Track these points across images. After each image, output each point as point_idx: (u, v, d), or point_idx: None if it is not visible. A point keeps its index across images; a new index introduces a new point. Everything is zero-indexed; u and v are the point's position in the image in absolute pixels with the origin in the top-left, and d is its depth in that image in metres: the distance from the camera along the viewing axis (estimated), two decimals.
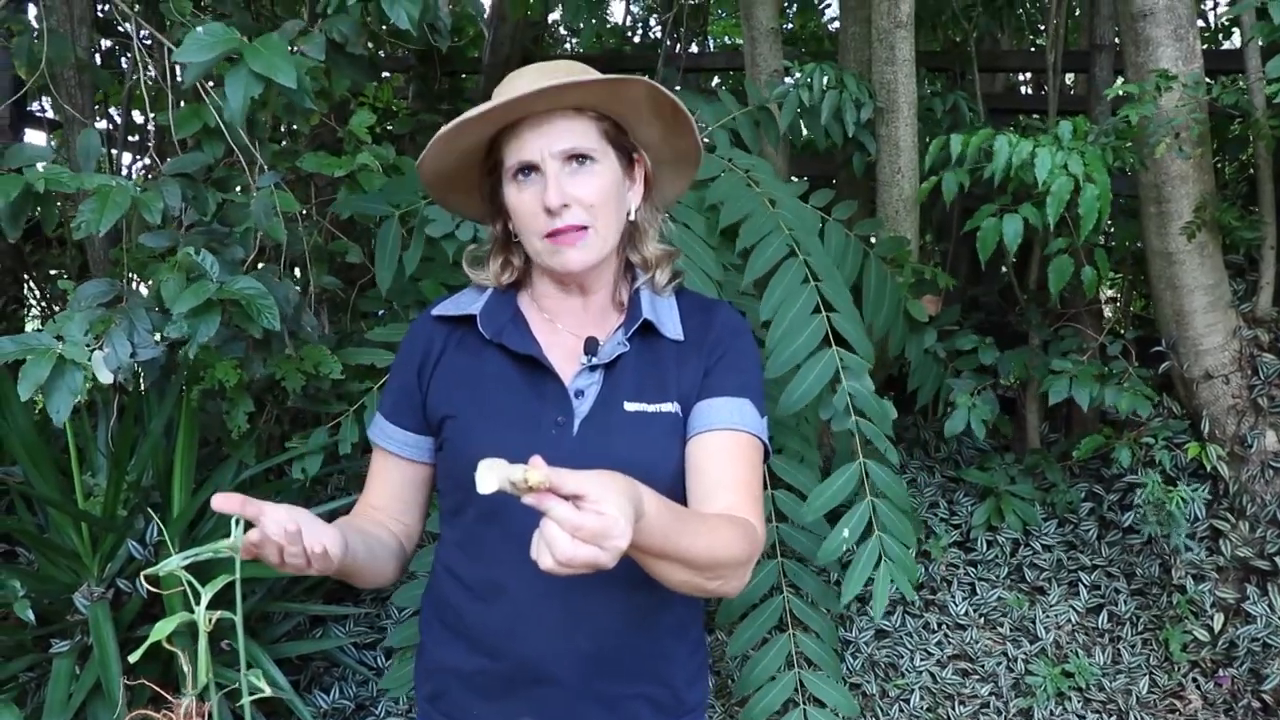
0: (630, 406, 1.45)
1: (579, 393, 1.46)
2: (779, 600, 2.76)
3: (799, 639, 2.74)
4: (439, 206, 2.67)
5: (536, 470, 1.02)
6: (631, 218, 1.52)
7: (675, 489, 1.46)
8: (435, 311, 1.56)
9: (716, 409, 1.47)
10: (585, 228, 1.42)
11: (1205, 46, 5.05)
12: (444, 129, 1.43)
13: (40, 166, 2.09)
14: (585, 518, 1.02)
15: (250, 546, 1.20)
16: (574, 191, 1.40)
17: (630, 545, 1.08)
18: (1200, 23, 5.19)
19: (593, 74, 1.44)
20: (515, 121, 1.42)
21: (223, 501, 1.16)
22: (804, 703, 2.68)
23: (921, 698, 3.15)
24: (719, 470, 1.44)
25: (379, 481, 1.59)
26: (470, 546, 1.48)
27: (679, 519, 1.25)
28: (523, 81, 1.41)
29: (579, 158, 1.42)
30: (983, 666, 3.25)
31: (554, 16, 6.15)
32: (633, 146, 1.51)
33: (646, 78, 1.43)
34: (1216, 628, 3.21)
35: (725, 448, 1.46)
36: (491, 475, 1.02)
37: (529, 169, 1.42)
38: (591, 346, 1.48)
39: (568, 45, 6.58)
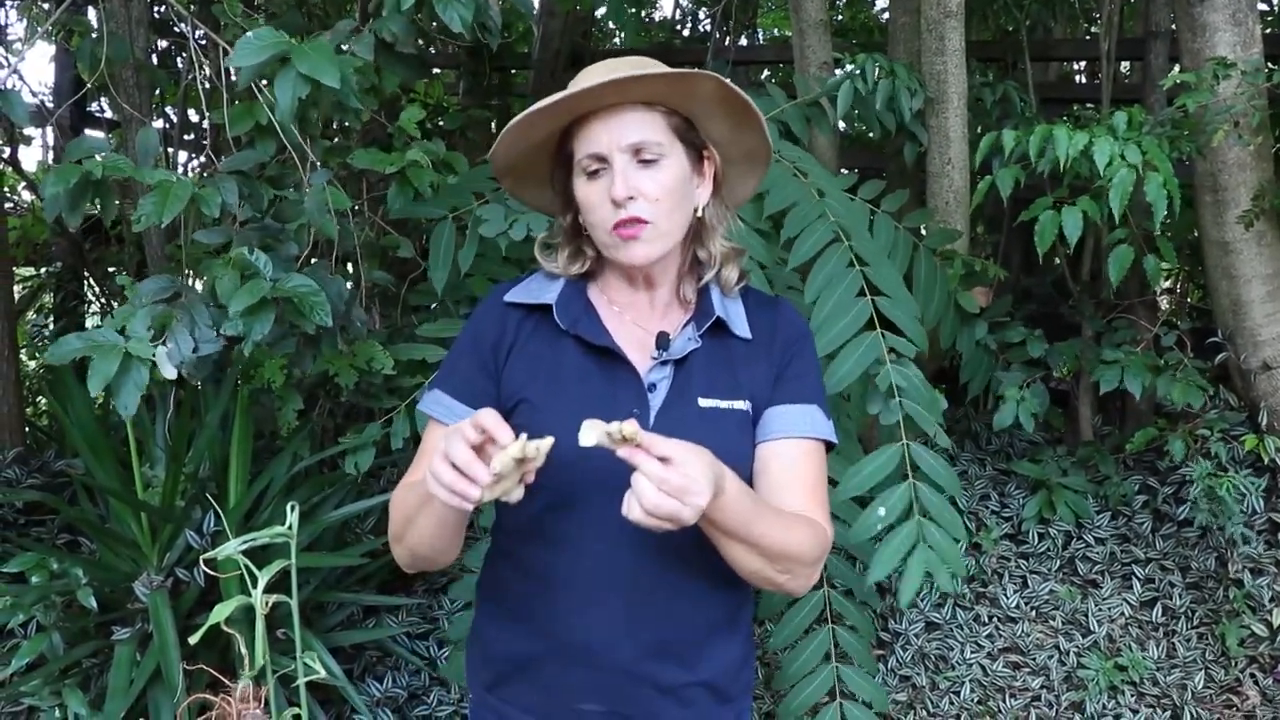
0: (704, 402, 1.48)
1: (651, 386, 1.48)
2: (820, 595, 2.76)
3: (838, 633, 2.74)
4: (490, 208, 2.71)
5: (631, 424, 1.17)
6: (699, 214, 1.53)
7: (747, 482, 1.48)
8: (508, 297, 1.57)
9: (790, 416, 1.51)
10: (646, 222, 1.43)
11: (1268, 30, 4.97)
12: (514, 120, 1.46)
13: (99, 157, 2.15)
14: (670, 473, 1.16)
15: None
16: (640, 185, 1.42)
17: (709, 522, 1.23)
18: (1263, 6, 5.11)
19: (663, 69, 1.45)
20: (585, 115, 1.44)
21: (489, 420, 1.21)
22: (840, 695, 2.69)
23: (972, 690, 3.13)
24: (788, 475, 1.49)
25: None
26: (534, 533, 1.49)
27: (757, 504, 1.35)
28: (593, 76, 1.43)
29: (646, 152, 1.43)
30: (1034, 659, 3.22)
31: (602, 10, 6.17)
32: (702, 143, 1.52)
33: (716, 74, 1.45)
34: (1275, 623, 3.16)
35: (796, 455, 1.50)
36: (592, 431, 1.17)
37: (598, 162, 1.44)
38: (663, 341, 1.50)
39: (617, 40, 6.59)
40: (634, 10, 4.97)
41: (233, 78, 2.50)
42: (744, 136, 1.55)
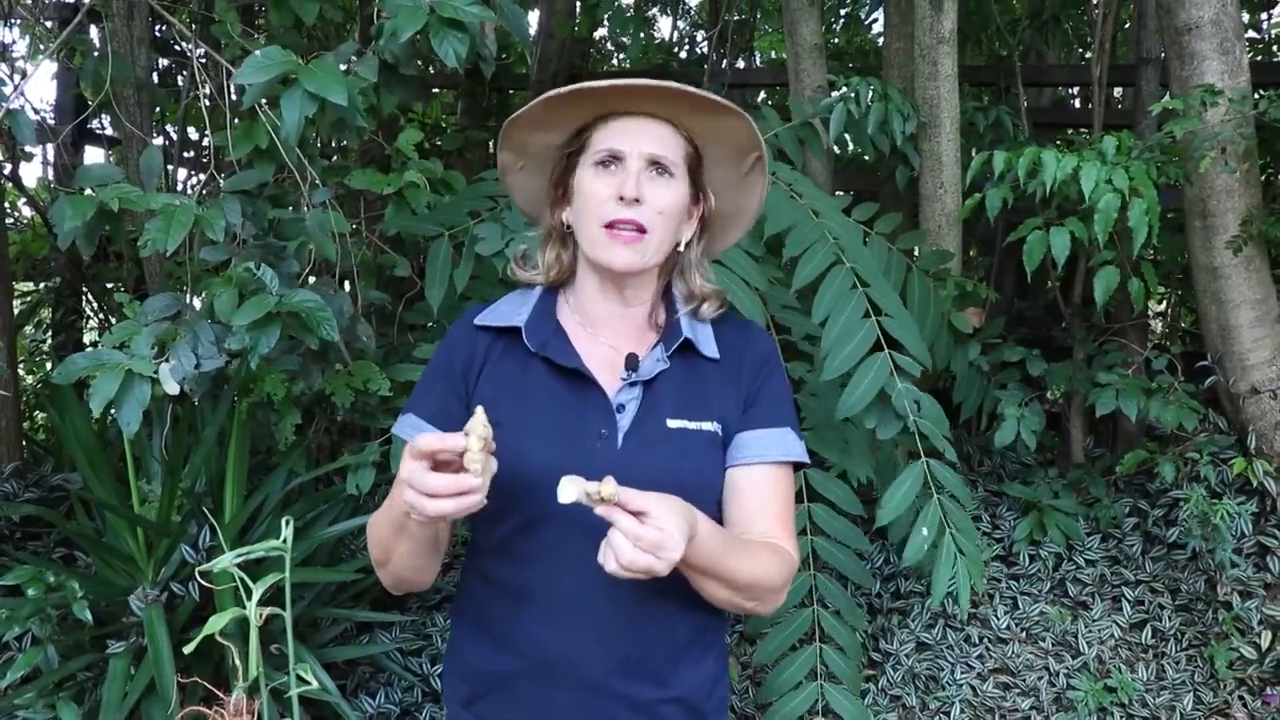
0: (673, 423, 1.50)
1: (620, 407, 1.50)
2: (809, 613, 2.78)
3: (825, 653, 2.76)
4: (485, 226, 2.73)
5: (609, 485, 1.19)
6: (680, 249, 1.57)
7: (715, 502, 1.52)
8: (477, 320, 1.59)
9: (764, 441, 1.54)
10: (644, 231, 1.47)
11: (1257, 58, 5.02)
12: (554, 91, 1.49)
13: (110, 187, 2.17)
14: (646, 530, 1.19)
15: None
16: (648, 193, 1.47)
17: (682, 561, 1.23)
18: (1253, 34, 5.16)
19: (710, 95, 1.51)
20: (612, 114, 1.51)
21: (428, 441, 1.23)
22: (823, 713, 2.72)
23: (962, 710, 3.14)
24: (759, 501, 1.53)
25: None
26: (506, 552, 1.51)
27: (726, 542, 1.39)
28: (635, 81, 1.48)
29: (660, 166, 1.49)
30: (1024, 680, 3.24)
31: (600, 32, 6.21)
32: (703, 185, 1.57)
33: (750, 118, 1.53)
34: (1264, 645, 3.18)
35: (766, 480, 1.54)
36: (571, 488, 1.19)
37: (613, 159, 1.49)
38: (632, 363, 1.52)
39: (615, 61, 6.64)
40: (634, 25, 5.01)
41: (234, 97, 2.53)
42: (743, 194, 1.62)
